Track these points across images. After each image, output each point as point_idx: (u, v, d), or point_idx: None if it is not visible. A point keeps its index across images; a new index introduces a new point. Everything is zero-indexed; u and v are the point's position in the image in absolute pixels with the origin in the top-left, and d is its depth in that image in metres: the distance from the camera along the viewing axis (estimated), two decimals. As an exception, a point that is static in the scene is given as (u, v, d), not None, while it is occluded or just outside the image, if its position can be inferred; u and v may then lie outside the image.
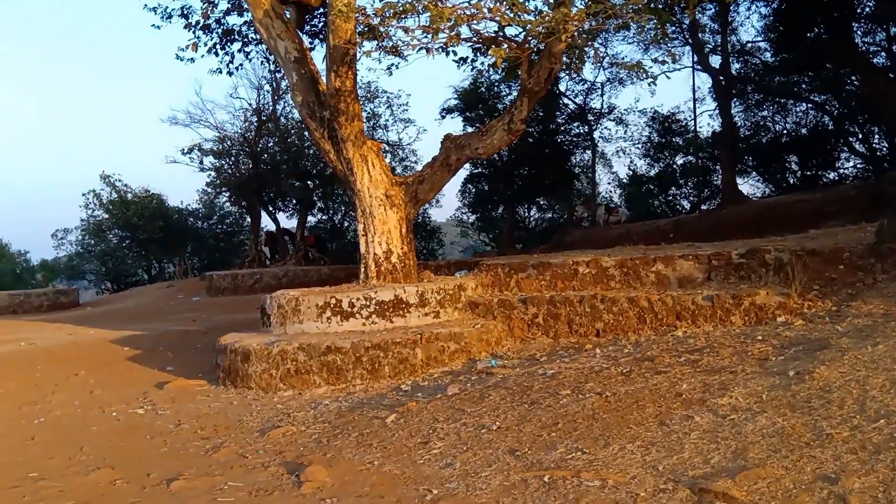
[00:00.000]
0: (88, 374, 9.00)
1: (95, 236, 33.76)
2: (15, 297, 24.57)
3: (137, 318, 17.64)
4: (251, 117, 28.23)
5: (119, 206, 32.36)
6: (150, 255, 34.13)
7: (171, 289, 26.28)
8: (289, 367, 7.07)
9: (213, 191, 31.39)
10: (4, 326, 18.28)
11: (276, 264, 26.71)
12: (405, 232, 9.00)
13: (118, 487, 4.62)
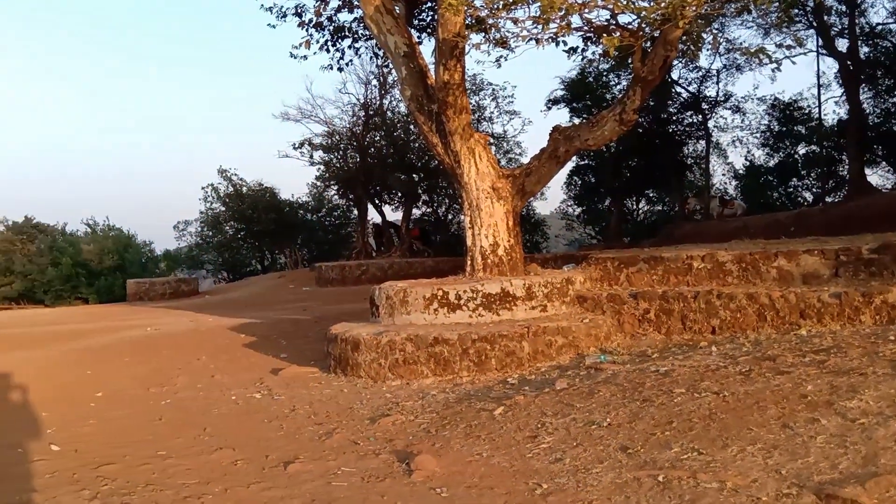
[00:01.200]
0: (209, 359, 9.51)
1: (213, 228, 35.54)
2: (141, 285, 26.27)
3: (252, 306, 18.47)
4: (359, 112, 28.90)
5: (235, 199, 33.93)
6: (263, 247, 35.63)
7: (283, 279, 27.36)
8: (397, 357, 7.22)
9: (322, 184, 32.41)
10: (132, 312, 19.60)
11: (382, 256, 27.31)
12: (512, 225, 8.99)
13: (239, 468, 4.86)
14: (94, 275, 30.38)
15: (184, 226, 36.72)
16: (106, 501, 4.32)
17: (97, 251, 30.89)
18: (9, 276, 31.62)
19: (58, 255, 30.90)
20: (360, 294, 18.40)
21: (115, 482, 4.67)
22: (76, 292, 30.23)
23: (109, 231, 34.26)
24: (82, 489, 4.57)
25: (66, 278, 30.23)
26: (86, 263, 30.47)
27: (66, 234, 34.95)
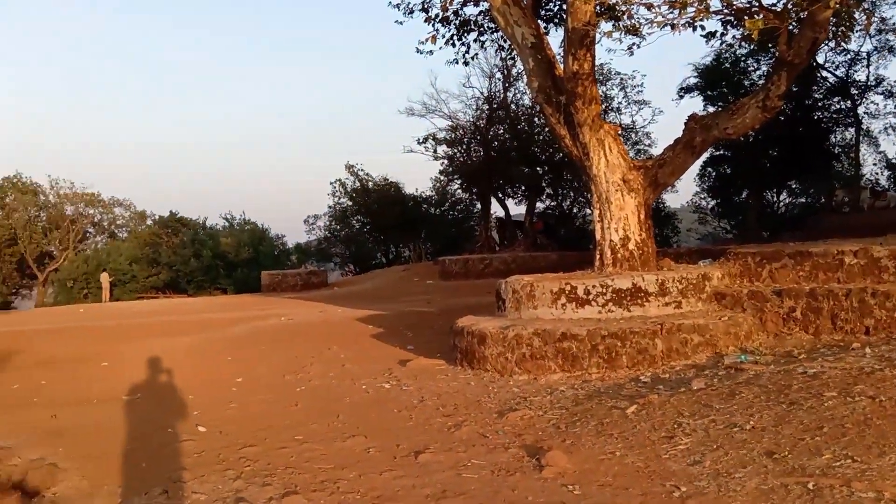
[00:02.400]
0: (339, 348, 9.87)
1: (341, 222, 36.83)
2: (274, 277, 27.61)
3: (377, 298, 18.99)
4: (482, 105, 29.03)
5: (361, 194, 34.99)
6: (388, 240, 36.55)
7: (407, 272, 27.93)
8: (524, 351, 7.20)
9: (446, 178, 32.82)
10: (266, 303, 20.64)
11: (506, 250, 27.33)
12: (643, 218, 8.75)
13: (371, 455, 5.01)
14: (232, 266, 32.25)
15: (313, 220, 38.31)
16: (249, 482, 4.57)
17: (234, 244, 32.75)
18: (156, 266, 34.13)
19: (199, 248, 33.01)
20: (483, 288, 18.52)
21: (257, 463, 4.94)
22: (215, 283, 32.23)
23: (245, 225, 36.24)
24: (227, 469, 4.86)
25: (206, 269, 32.28)
26: (224, 255, 32.39)
27: (206, 227, 37.31)
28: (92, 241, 41.88)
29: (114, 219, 42.81)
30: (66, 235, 39.68)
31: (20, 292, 39.58)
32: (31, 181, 40.97)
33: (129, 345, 11.69)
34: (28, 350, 11.96)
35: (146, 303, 26.97)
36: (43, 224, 40.02)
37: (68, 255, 38.51)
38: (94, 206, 41.42)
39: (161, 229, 37.23)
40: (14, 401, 7.99)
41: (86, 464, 5.33)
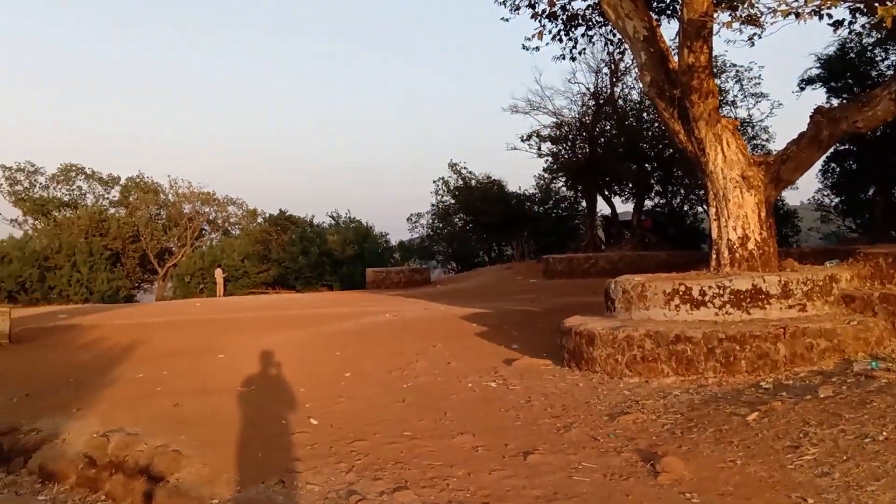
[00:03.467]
0: (444, 346, 9.96)
1: (443, 220, 37.19)
2: (378, 274, 28.18)
3: (481, 296, 19.04)
4: (588, 101, 28.62)
5: (464, 192, 35.20)
6: (490, 238, 36.61)
7: (510, 270, 27.89)
8: (635, 353, 7.05)
9: (550, 176, 32.55)
10: (371, 299, 21.09)
11: (612, 248, 26.84)
12: (764, 216, 8.38)
13: (480, 454, 5.03)
14: (338, 263, 33.14)
15: (416, 218, 38.87)
16: (360, 475, 4.68)
17: (340, 241, 33.63)
18: (266, 263, 35.53)
19: (307, 245, 34.10)
20: (588, 287, 18.26)
21: (367, 457, 5.05)
22: (322, 279, 33.21)
23: (350, 223, 37.14)
24: (339, 462, 5.00)
25: (313, 266, 33.31)
26: (330, 252, 33.32)
27: (313, 225, 38.49)
28: (207, 238, 43.98)
29: (227, 217, 44.81)
30: (183, 232, 41.88)
31: (142, 286, 42.07)
32: (152, 181, 43.51)
33: (243, 338, 12.22)
34: (150, 342, 12.71)
35: (257, 298, 28.11)
36: (163, 222, 42.40)
37: (186, 252, 40.64)
38: (210, 204, 43.47)
39: (271, 227, 38.69)
40: (139, 390, 8.49)
41: (206, 451, 5.60)
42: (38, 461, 6.54)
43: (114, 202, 43.52)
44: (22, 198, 40.91)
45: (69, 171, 42.52)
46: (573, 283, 20.69)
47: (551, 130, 29.54)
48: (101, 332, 14.79)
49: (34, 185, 41.58)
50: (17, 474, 6.68)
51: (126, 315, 19.63)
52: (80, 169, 42.95)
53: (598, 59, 27.37)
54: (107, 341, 13.28)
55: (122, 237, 38.85)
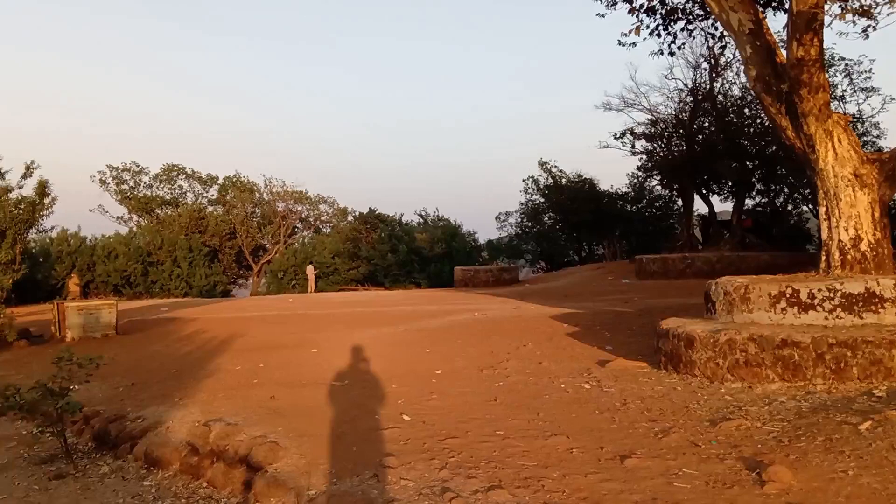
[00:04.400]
0: (534, 346, 9.90)
1: (532, 219, 37.03)
2: (467, 272, 28.29)
3: (571, 296, 18.84)
4: (686, 97, 27.87)
5: (554, 190, 34.93)
6: (580, 238, 36.20)
7: (601, 270, 27.48)
8: (737, 357, 6.81)
9: (644, 174, 31.90)
10: (459, 297, 21.19)
11: (709, 249, 26.04)
12: (877, 216, 7.95)
13: (574, 456, 4.97)
14: (426, 261, 33.48)
15: (505, 217, 38.85)
16: (454, 472, 4.70)
17: (428, 240, 33.97)
18: (356, 260, 36.27)
19: (396, 243, 34.60)
20: (683, 288, 17.80)
21: (461, 455, 5.07)
22: (410, 277, 33.63)
23: (439, 221, 37.45)
24: (432, 458, 5.04)
25: (402, 264, 33.77)
26: (419, 250, 33.70)
27: (402, 223, 39.00)
28: (299, 235, 45.32)
29: (319, 215, 46.06)
30: (277, 230, 43.29)
31: (237, 281, 43.76)
32: (248, 180, 45.21)
33: (335, 333, 12.51)
34: (246, 335, 13.18)
35: (347, 294, 28.72)
36: (258, 219, 43.99)
37: (279, 249, 42.01)
38: (302, 202, 44.78)
39: (361, 225, 39.46)
40: (237, 381, 8.82)
41: (302, 443, 5.76)
42: (143, 448, 6.87)
43: (212, 200, 45.48)
44: (127, 196, 43.26)
45: (171, 171, 44.68)
46: (668, 284, 20.20)
47: (646, 128, 28.93)
48: (199, 325, 15.45)
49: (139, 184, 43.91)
50: (124, 460, 7.04)
51: (223, 309, 20.43)
52: (181, 169, 45.08)
53: (697, 54, 26.62)
54: (205, 334, 13.86)
55: (219, 234, 40.52)
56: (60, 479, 6.65)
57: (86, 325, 14.61)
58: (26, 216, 14.57)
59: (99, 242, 36.06)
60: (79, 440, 7.89)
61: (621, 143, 29.15)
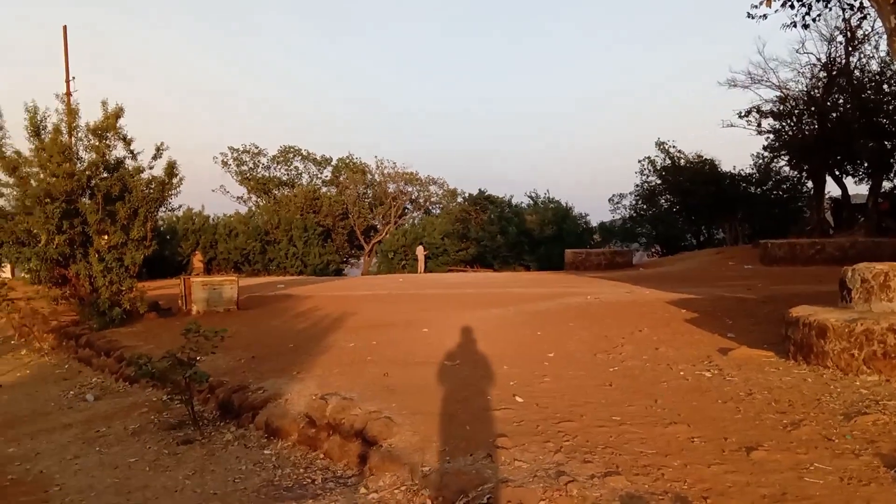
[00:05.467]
0: (650, 331, 9.65)
1: (648, 201, 36.05)
2: (578, 255, 27.91)
3: (688, 281, 18.23)
4: (819, 73, 26.28)
5: (672, 171, 33.83)
6: (699, 221, 34.96)
7: (721, 255, 26.46)
8: (874, 348, 6.39)
9: (770, 154, 30.40)
10: (570, 280, 20.95)
11: (842, 234, 24.58)
12: None
13: (696, 445, 4.81)
14: (536, 243, 33.28)
15: (618, 199, 38.00)
16: (569, 456, 4.66)
17: (538, 222, 33.73)
18: (465, 241, 36.51)
19: (505, 225, 34.57)
20: (812, 275, 16.88)
21: (575, 439, 5.02)
22: (520, 259, 33.55)
23: (549, 203, 37.08)
24: (546, 441, 5.01)
25: (511, 245, 33.73)
26: (528, 232, 33.53)
27: (512, 205, 38.91)
28: (410, 216, 46.04)
29: (429, 196, 46.60)
30: (388, 211, 44.13)
31: (349, 261, 45.02)
32: (360, 161, 46.29)
33: (445, 313, 12.63)
34: (359, 313, 13.52)
35: (456, 275, 28.97)
36: (369, 200, 45.00)
37: (389, 229, 42.82)
38: (413, 184, 45.43)
39: (470, 206, 39.64)
40: (351, 358, 9.07)
41: (416, 420, 5.86)
42: (263, 418, 7.19)
43: (326, 181, 46.92)
44: (247, 177, 45.26)
45: (287, 153, 46.35)
46: (794, 271, 19.21)
47: (774, 105, 27.47)
48: (314, 302, 15.98)
49: (257, 165, 45.83)
50: (246, 428, 7.40)
51: (336, 287, 21.06)
52: (297, 150, 46.67)
53: (832, 27, 25.01)
54: (320, 311, 14.32)
55: (332, 214, 41.76)
56: (188, 445, 7.07)
57: (210, 299, 15.40)
58: (156, 195, 15.44)
59: (220, 221, 37.95)
60: (204, 408, 8.34)
61: (746, 121, 27.87)
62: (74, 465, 6.89)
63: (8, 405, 10.26)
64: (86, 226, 14.60)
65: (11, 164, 14.53)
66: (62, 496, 5.99)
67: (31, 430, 8.61)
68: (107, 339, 13.01)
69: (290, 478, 5.84)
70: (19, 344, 16.15)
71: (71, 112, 15.27)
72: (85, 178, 14.74)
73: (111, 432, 7.95)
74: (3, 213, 14.84)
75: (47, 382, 11.77)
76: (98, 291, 14.72)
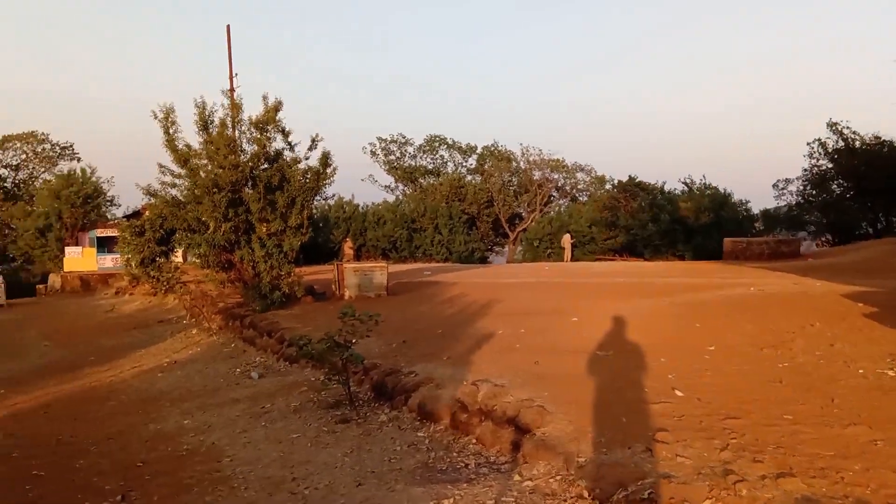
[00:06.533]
0: (824, 325, 9.03)
1: (817, 187, 33.72)
2: (738, 244, 26.58)
3: (865, 273, 16.93)
4: None
5: (845, 154, 31.45)
6: (876, 208, 32.31)
7: (901, 246, 24.34)
8: None
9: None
10: (729, 270, 20.02)
11: None
12: None
13: (879, 448, 4.47)
14: (690, 231, 32.01)
15: (784, 184, 35.80)
16: (737, 455, 4.46)
17: (693, 209, 32.41)
18: (614, 229, 35.74)
19: (657, 212, 33.49)
20: None
21: (743, 437, 4.79)
22: (673, 248, 32.42)
23: (706, 189, 35.52)
24: (711, 438, 4.82)
25: (664, 234, 32.64)
26: (683, 220, 32.31)
27: (664, 192, 37.59)
28: (555, 204, 45.65)
29: (575, 183, 46.03)
30: (533, 198, 44.00)
31: (494, 249, 45.31)
32: (505, 149, 46.42)
33: (595, 303, 12.42)
34: (505, 301, 13.57)
35: (604, 264, 28.41)
36: (514, 188, 45.04)
37: (535, 217, 42.68)
38: (559, 171, 45.03)
39: (619, 193, 38.71)
40: (499, 345, 9.13)
41: (569, 409, 5.81)
42: (416, 401, 7.38)
43: (471, 170, 47.46)
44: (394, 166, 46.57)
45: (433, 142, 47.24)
46: None
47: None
48: (460, 289, 16.19)
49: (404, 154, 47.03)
50: (399, 410, 7.62)
51: (481, 275, 21.25)
52: (443, 139, 47.45)
53: None
54: (466, 297, 14.50)
55: (477, 202, 42.16)
56: (345, 424, 7.39)
57: (361, 284, 15.98)
58: (312, 184, 16.19)
59: (369, 209, 39.32)
60: (359, 389, 8.68)
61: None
62: (243, 437, 7.38)
63: (182, 380, 11.16)
64: (249, 214, 15.54)
65: (183, 157, 15.70)
66: (233, 466, 6.43)
67: (202, 403, 9.31)
68: (268, 321, 13.82)
69: (444, 461, 5.96)
70: (190, 324, 17.48)
71: (235, 106, 16.25)
72: (248, 169, 15.68)
73: (275, 409, 8.44)
74: (176, 203, 16.06)
75: (216, 360, 12.67)
76: (260, 276, 15.66)
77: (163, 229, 20.06)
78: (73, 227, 36.96)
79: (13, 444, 8.08)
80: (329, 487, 5.61)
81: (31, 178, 47.55)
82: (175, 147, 15.81)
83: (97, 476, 6.55)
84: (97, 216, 38.75)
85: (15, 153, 46.85)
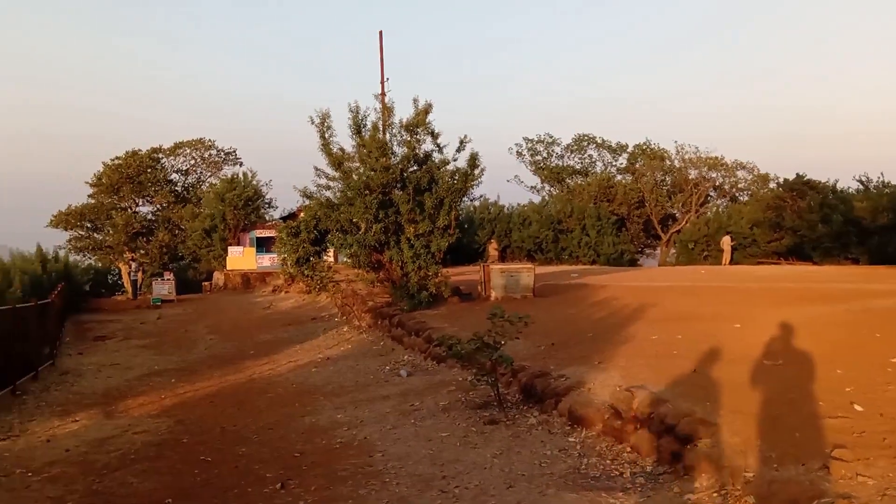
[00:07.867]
0: None
1: None
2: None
3: None
4: None
5: None
6: None
7: None
8: None
9: None
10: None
11: None
12: None
13: None
14: (866, 233, 29.71)
15: None
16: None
17: (870, 209, 30.05)
18: (778, 231, 33.79)
19: (828, 213, 31.33)
20: None
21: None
22: (846, 251, 30.22)
23: (884, 188, 32.88)
24: (894, 456, 4.43)
25: (835, 236, 30.48)
26: (857, 221, 30.04)
27: (836, 191, 35.12)
28: (713, 204, 43.74)
29: (735, 182, 43.88)
30: (688, 198, 42.38)
31: (644, 251, 44.04)
32: (658, 147, 45.02)
33: (759, 309, 11.76)
34: (659, 305, 13.12)
35: (768, 268, 26.94)
36: (667, 188, 43.58)
37: (690, 218, 41.10)
38: (717, 169, 43.09)
39: (785, 192, 36.53)
40: (654, 350, 8.83)
41: (734, 420, 5.53)
42: (567, 405, 7.28)
43: (621, 169, 46.40)
44: (541, 167, 46.34)
45: (582, 141, 46.61)
46: None
47: None
48: (610, 292, 15.84)
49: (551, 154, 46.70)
50: (549, 414, 7.55)
51: (631, 278, 20.70)
52: (592, 138, 46.72)
53: None
54: (616, 301, 14.16)
55: (627, 203, 41.15)
56: (493, 425, 7.40)
57: (507, 286, 16.00)
58: (459, 185, 16.40)
59: (514, 211, 39.29)
60: (507, 391, 8.68)
61: None
62: (393, 434, 7.57)
63: (335, 375, 11.62)
64: (398, 215, 15.97)
65: (337, 160, 16.37)
66: (384, 461, 6.61)
67: (354, 398, 9.65)
68: (416, 320, 14.12)
69: (597, 468, 5.84)
70: (341, 321, 18.19)
71: (386, 110, 16.75)
72: (398, 171, 16.11)
73: (423, 407, 8.61)
74: (329, 204, 16.76)
75: (366, 357, 13.10)
76: (408, 276, 16.05)
77: (317, 230, 20.97)
78: (235, 227, 39.43)
79: (183, 430, 8.71)
80: (479, 488, 5.63)
81: (198, 182, 51.12)
82: (330, 150, 16.51)
83: (258, 464, 6.94)
84: (256, 217, 41.11)
85: (185, 159, 50.50)
